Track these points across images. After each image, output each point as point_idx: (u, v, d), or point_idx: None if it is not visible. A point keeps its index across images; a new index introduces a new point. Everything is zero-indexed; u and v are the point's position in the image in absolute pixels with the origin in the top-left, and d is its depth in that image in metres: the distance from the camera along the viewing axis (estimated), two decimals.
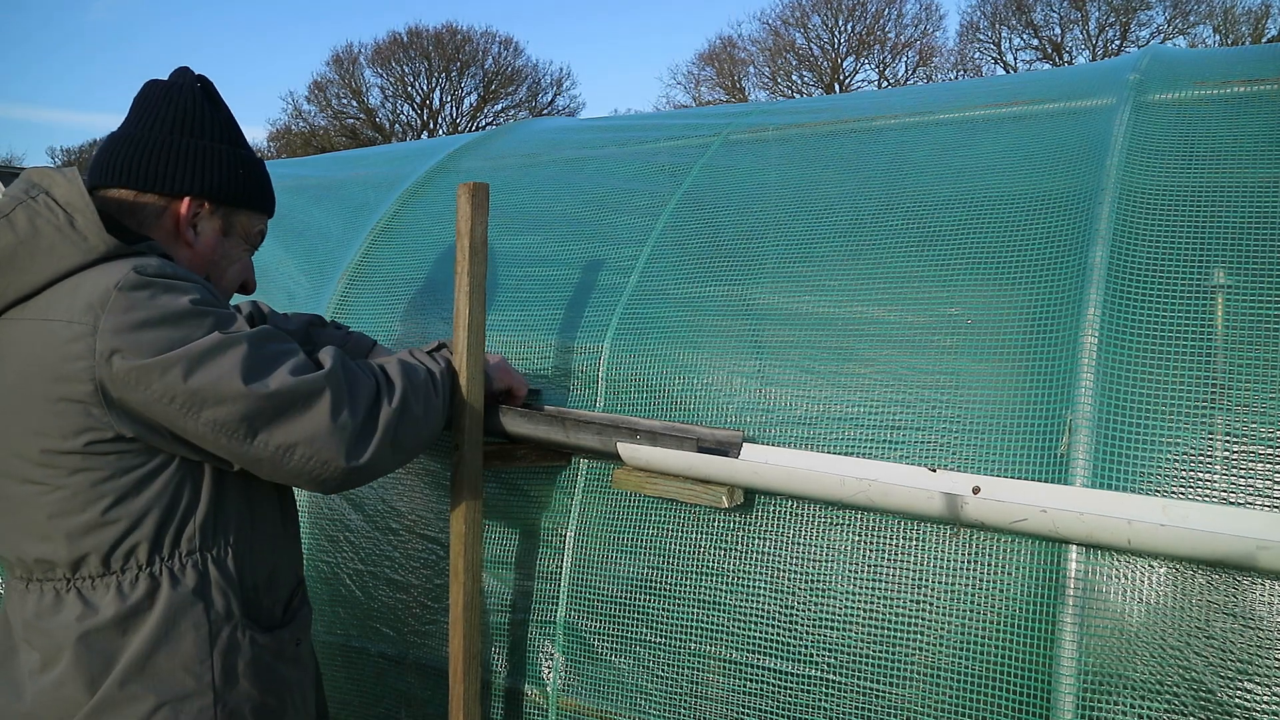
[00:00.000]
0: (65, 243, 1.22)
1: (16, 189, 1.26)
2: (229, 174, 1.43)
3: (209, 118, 1.42)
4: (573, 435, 1.63)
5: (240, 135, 1.48)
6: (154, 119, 1.39)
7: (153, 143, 1.38)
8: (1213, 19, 27.25)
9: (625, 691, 1.62)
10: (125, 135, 1.39)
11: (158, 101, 1.41)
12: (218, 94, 1.47)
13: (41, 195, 1.23)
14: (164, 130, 1.39)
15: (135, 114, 1.42)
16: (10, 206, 1.23)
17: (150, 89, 1.43)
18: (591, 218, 2.05)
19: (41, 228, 1.21)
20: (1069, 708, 1.25)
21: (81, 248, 1.22)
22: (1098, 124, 1.69)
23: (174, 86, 1.42)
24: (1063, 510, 1.24)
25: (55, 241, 1.21)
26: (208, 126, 1.42)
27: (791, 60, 32.20)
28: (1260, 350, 1.29)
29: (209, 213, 1.42)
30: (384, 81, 34.51)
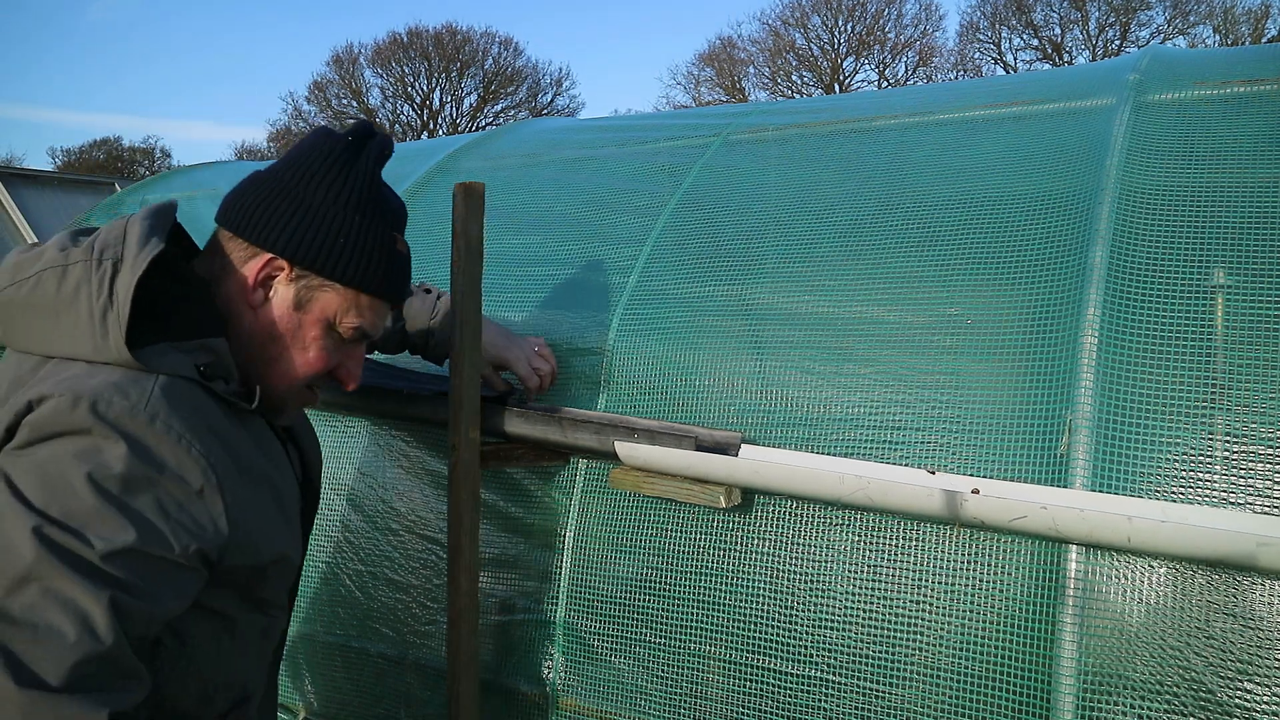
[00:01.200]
0: (88, 330, 1.08)
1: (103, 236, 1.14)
2: (323, 238, 1.19)
3: (336, 171, 1.22)
4: (570, 435, 1.63)
5: (372, 202, 1.24)
6: (285, 162, 1.24)
7: (265, 186, 1.22)
8: (1213, 19, 27.26)
9: (625, 691, 1.62)
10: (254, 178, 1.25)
11: (300, 149, 1.25)
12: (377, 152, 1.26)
13: (108, 265, 1.10)
14: (284, 178, 1.22)
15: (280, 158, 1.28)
16: (77, 257, 1.11)
17: (309, 137, 1.26)
18: (591, 218, 2.05)
19: (81, 300, 1.09)
20: (1069, 708, 1.25)
21: (98, 345, 1.07)
22: (1098, 124, 1.69)
23: (329, 134, 1.25)
24: (1063, 507, 1.24)
25: (83, 323, 1.08)
26: (329, 179, 1.21)
27: (791, 60, 32.22)
28: (1260, 350, 1.29)
29: (287, 278, 1.21)
30: (384, 81, 34.55)
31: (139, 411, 1.03)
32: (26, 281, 1.11)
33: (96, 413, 1.01)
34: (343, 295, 1.23)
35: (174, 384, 1.08)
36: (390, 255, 1.26)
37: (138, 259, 1.09)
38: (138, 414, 1.03)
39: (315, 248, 1.19)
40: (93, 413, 1.01)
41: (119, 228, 1.14)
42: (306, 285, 1.21)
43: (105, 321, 1.07)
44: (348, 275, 1.22)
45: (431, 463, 1.89)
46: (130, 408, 1.03)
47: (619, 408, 1.69)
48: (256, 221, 1.19)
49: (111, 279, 1.09)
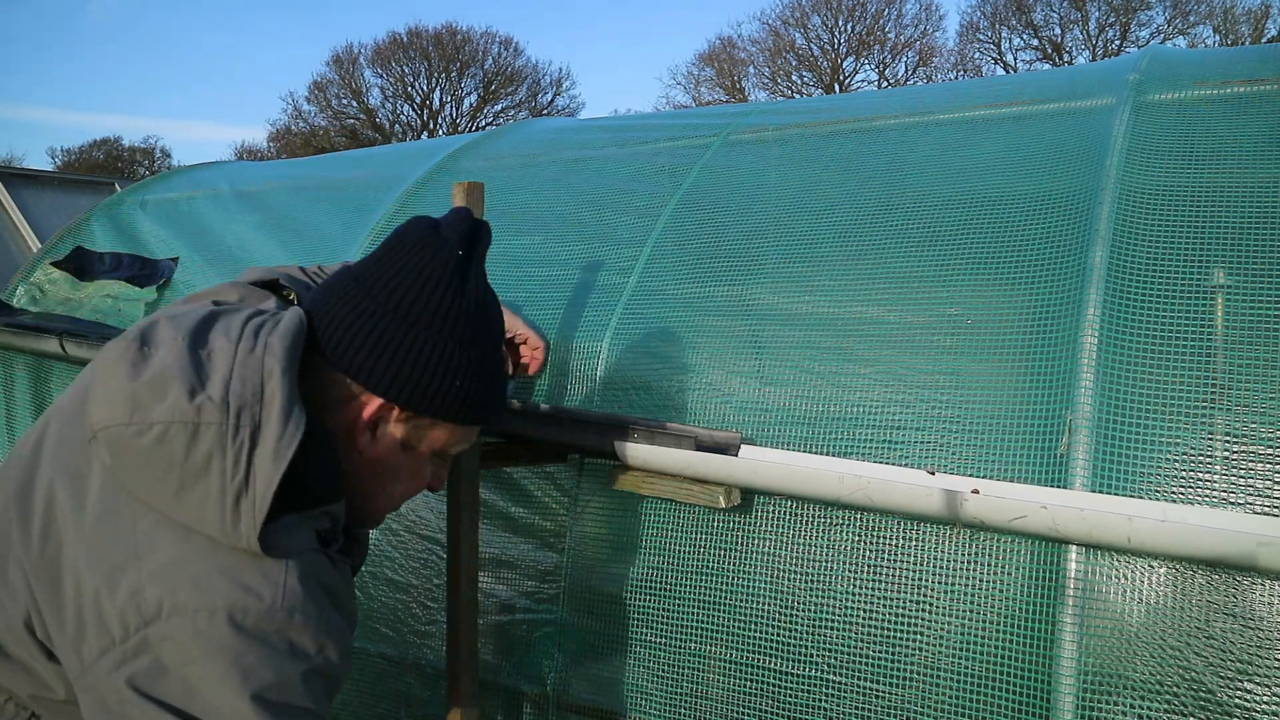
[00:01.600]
0: (218, 511, 0.98)
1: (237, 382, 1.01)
2: (438, 384, 1.12)
3: (450, 300, 1.12)
4: (570, 434, 1.63)
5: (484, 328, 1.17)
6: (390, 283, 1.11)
7: (374, 319, 1.10)
8: (1213, 19, 27.26)
9: (625, 691, 1.62)
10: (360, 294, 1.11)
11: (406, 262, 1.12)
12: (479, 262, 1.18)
13: (245, 436, 0.99)
14: (393, 306, 1.10)
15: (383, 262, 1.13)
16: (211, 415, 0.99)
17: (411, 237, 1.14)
18: (591, 218, 2.05)
19: (213, 474, 0.98)
20: (1069, 708, 1.25)
21: (226, 532, 0.98)
22: (1098, 124, 1.69)
23: (439, 247, 1.13)
24: (1063, 507, 1.24)
25: (213, 499, 0.98)
26: (443, 312, 1.12)
27: (791, 60, 32.22)
28: (1260, 350, 1.29)
29: (397, 419, 1.14)
30: (384, 81, 34.55)
31: (276, 611, 0.97)
32: (149, 431, 0.98)
33: (235, 624, 0.96)
34: (453, 430, 1.19)
35: (305, 561, 1.02)
36: (498, 380, 1.21)
37: (281, 444, 0.99)
38: (275, 614, 0.97)
39: (431, 395, 1.12)
40: (230, 625, 0.95)
41: (255, 376, 1.02)
42: (416, 425, 1.16)
43: (238, 508, 0.97)
44: (461, 415, 1.16)
45: None
46: (267, 610, 0.97)
47: (619, 408, 1.69)
48: (364, 362, 1.10)
49: (250, 454, 0.98)
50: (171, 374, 1.00)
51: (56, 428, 1.10)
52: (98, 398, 1.02)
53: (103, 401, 1.01)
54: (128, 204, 2.97)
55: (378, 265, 1.13)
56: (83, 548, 1.00)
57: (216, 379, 1.01)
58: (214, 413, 0.98)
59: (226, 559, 0.98)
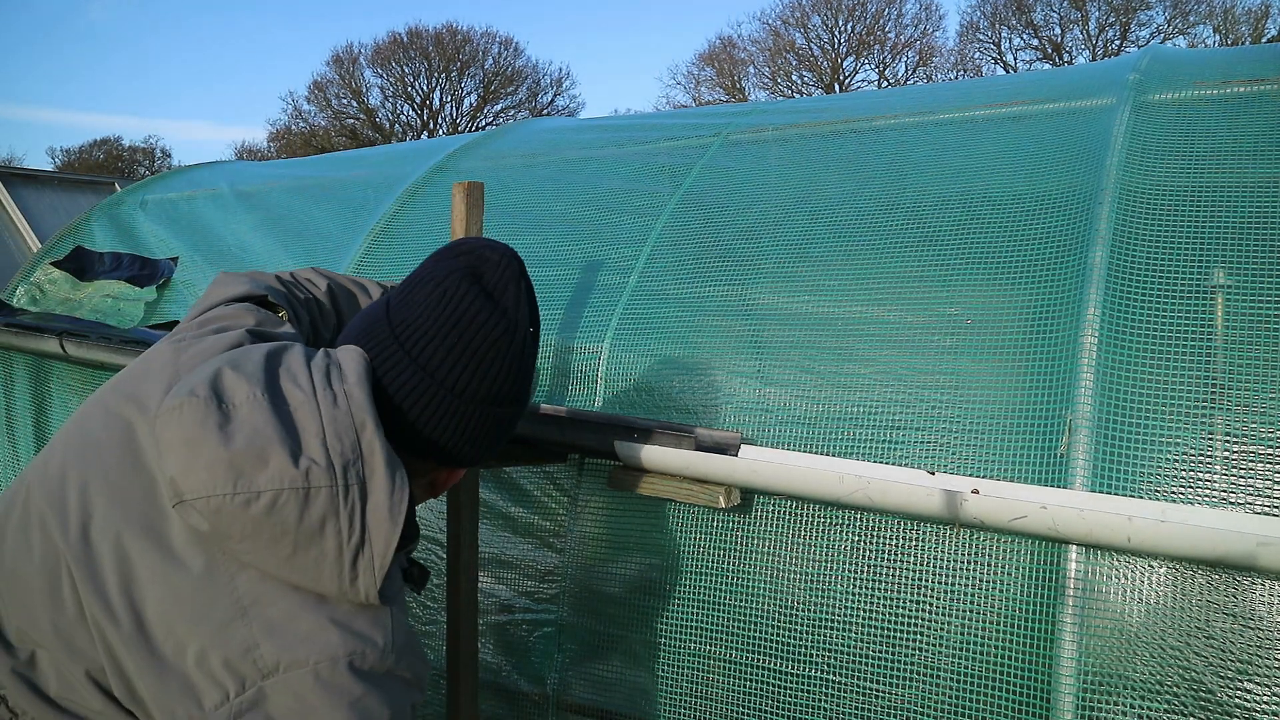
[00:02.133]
0: (335, 573, 0.98)
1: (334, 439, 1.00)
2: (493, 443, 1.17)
3: (529, 376, 1.17)
4: (570, 434, 1.63)
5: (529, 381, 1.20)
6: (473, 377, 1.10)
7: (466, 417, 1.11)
8: (1213, 19, 27.26)
9: (625, 691, 1.62)
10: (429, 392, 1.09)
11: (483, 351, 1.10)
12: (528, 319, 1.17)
13: (355, 491, 0.99)
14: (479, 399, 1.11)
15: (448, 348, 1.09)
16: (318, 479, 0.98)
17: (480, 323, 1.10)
18: (591, 218, 2.05)
19: (328, 537, 0.98)
20: (1069, 708, 1.25)
21: (344, 589, 0.98)
22: (1098, 124, 1.69)
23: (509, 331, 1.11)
24: (1063, 507, 1.24)
25: (329, 560, 0.98)
26: (516, 389, 1.15)
27: (791, 60, 32.21)
28: (1260, 350, 1.29)
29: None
30: (384, 81, 34.54)
31: (389, 654, 1.00)
32: (257, 500, 0.96)
33: (355, 670, 0.97)
34: None
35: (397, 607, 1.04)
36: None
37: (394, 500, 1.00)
38: (388, 656, 1.00)
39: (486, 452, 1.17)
40: (351, 672, 0.97)
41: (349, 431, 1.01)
42: None
43: (356, 566, 0.98)
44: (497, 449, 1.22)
45: None
46: (381, 654, 0.99)
47: (618, 407, 1.69)
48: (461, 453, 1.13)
49: (363, 512, 0.99)
50: (268, 438, 0.98)
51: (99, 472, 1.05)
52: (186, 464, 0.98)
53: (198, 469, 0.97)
54: (128, 204, 2.97)
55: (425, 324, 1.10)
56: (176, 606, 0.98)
57: (312, 439, 1.00)
58: (322, 476, 0.98)
59: (335, 610, 0.99)
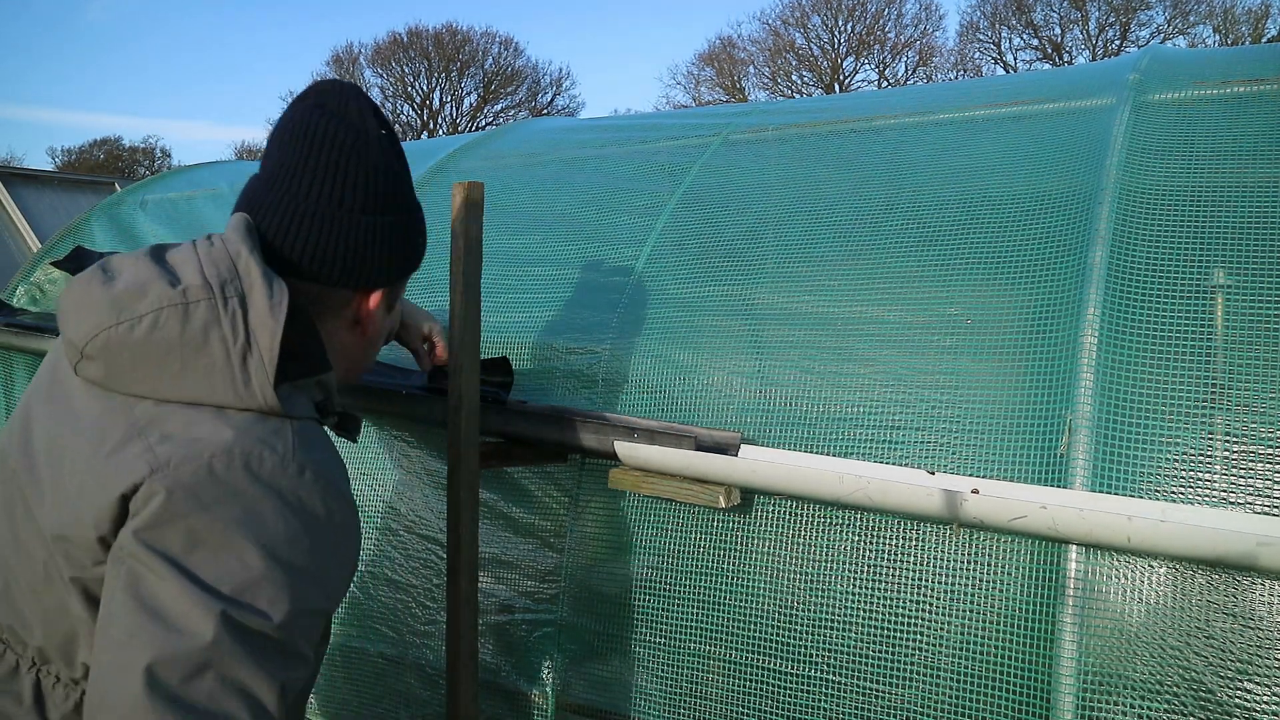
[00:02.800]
0: (227, 376, 1.00)
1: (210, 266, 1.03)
2: (414, 247, 1.22)
3: (397, 182, 1.18)
4: (570, 434, 1.63)
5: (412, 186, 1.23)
6: (340, 189, 1.12)
7: (347, 228, 1.13)
8: (1213, 19, 27.26)
9: (625, 691, 1.62)
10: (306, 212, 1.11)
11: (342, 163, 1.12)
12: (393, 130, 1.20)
13: (234, 302, 1.01)
14: (356, 208, 1.13)
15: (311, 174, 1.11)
16: (197, 294, 1.01)
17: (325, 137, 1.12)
18: (591, 218, 2.05)
19: (213, 342, 1.00)
20: (1069, 708, 1.25)
21: (239, 391, 1.00)
22: (1098, 124, 1.69)
23: (360, 140, 1.13)
24: (1063, 507, 1.24)
25: (219, 367, 1.00)
26: (397, 195, 1.17)
27: (791, 60, 32.22)
28: (1260, 350, 1.29)
29: (384, 293, 1.22)
30: (384, 81, 34.54)
31: (289, 463, 0.99)
32: (140, 321, 0.99)
33: (250, 471, 0.97)
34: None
35: (306, 428, 1.04)
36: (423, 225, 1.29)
37: (274, 301, 1.02)
38: (288, 466, 0.99)
39: (402, 263, 1.21)
40: (246, 471, 0.97)
41: (223, 254, 1.05)
42: (394, 289, 1.26)
43: (247, 366, 1.00)
44: (414, 263, 1.26)
45: (431, 463, 1.89)
46: (280, 462, 0.99)
47: (619, 407, 1.69)
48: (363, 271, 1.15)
49: (245, 318, 1.01)
50: (146, 277, 1.02)
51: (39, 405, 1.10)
52: (76, 318, 1.02)
53: (85, 316, 1.01)
54: (128, 204, 2.97)
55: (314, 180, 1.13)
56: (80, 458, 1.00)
57: (190, 271, 1.03)
58: (199, 291, 1.01)
59: (234, 418, 1.00)
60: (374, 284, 1.18)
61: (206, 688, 0.90)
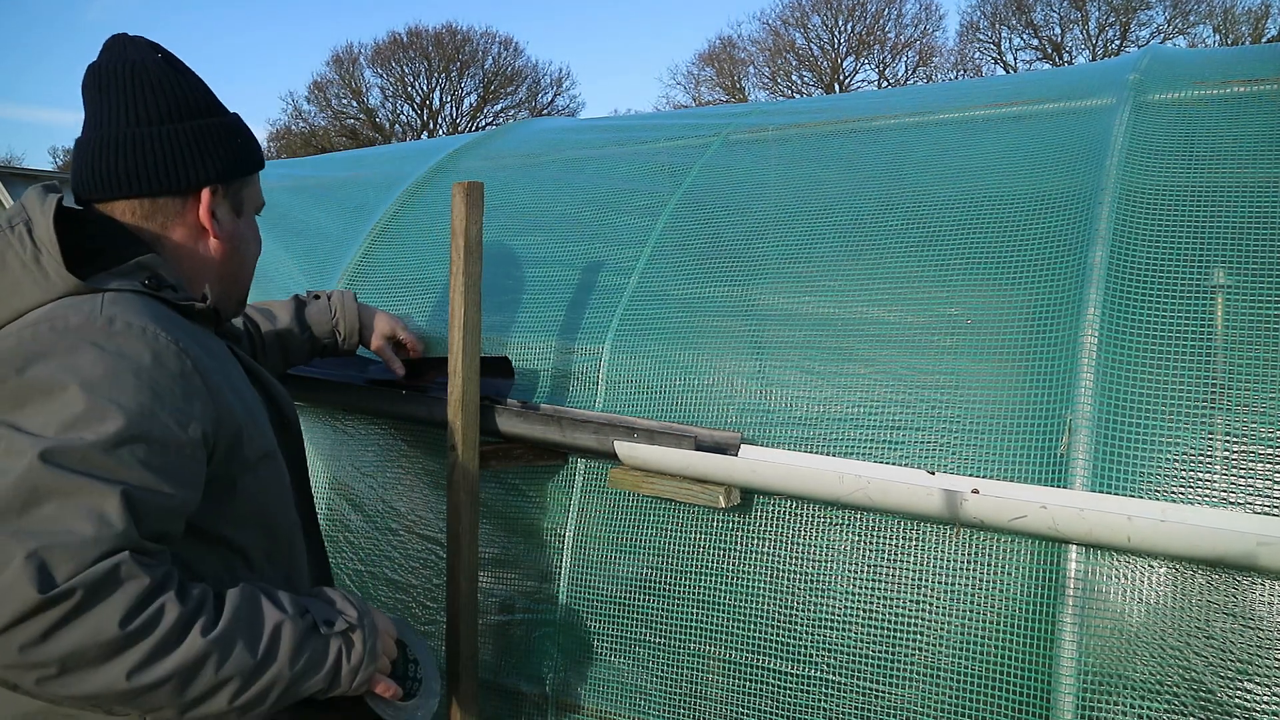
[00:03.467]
0: (29, 279, 1.13)
1: (9, 212, 1.19)
2: (229, 148, 1.31)
3: (188, 92, 1.29)
4: (569, 435, 1.63)
5: (216, 99, 1.34)
6: (130, 109, 1.25)
7: (145, 139, 1.25)
8: (1213, 19, 27.26)
9: (625, 691, 1.62)
10: (107, 138, 1.25)
11: (125, 88, 1.25)
12: (176, 58, 1.32)
13: (20, 226, 1.16)
14: (150, 121, 1.25)
15: (104, 107, 1.26)
16: None
17: (107, 75, 1.26)
18: (591, 218, 2.05)
19: (10, 262, 1.14)
20: (1069, 708, 1.25)
21: (43, 285, 1.13)
22: (1098, 124, 1.69)
23: (136, 67, 1.26)
24: (1063, 506, 1.24)
25: (20, 277, 1.14)
26: (191, 103, 1.28)
27: (791, 60, 32.21)
28: (1260, 350, 1.29)
29: (221, 197, 1.31)
30: (384, 82, 34.53)
31: (95, 318, 1.09)
32: None
33: (55, 330, 1.08)
34: (255, 180, 1.38)
35: (123, 295, 1.14)
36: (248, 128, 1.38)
37: (44, 208, 1.15)
38: (95, 320, 1.09)
39: (234, 161, 1.31)
40: (52, 331, 1.07)
41: (16, 204, 1.20)
42: (235, 190, 1.34)
43: (40, 264, 1.13)
44: (250, 163, 1.35)
45: (431, 463, 1.89)
46: (86, 317, 1.09)
47: (619, 408, 1.69)
48: (172, 172, 1.26)
49: (30, 234, 1.14)
50: None
51: None
52: None
53: None
54: None
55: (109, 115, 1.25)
56: None
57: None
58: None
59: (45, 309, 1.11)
60: (193, 184, 1.27)
61: (45, 513, 0.97)
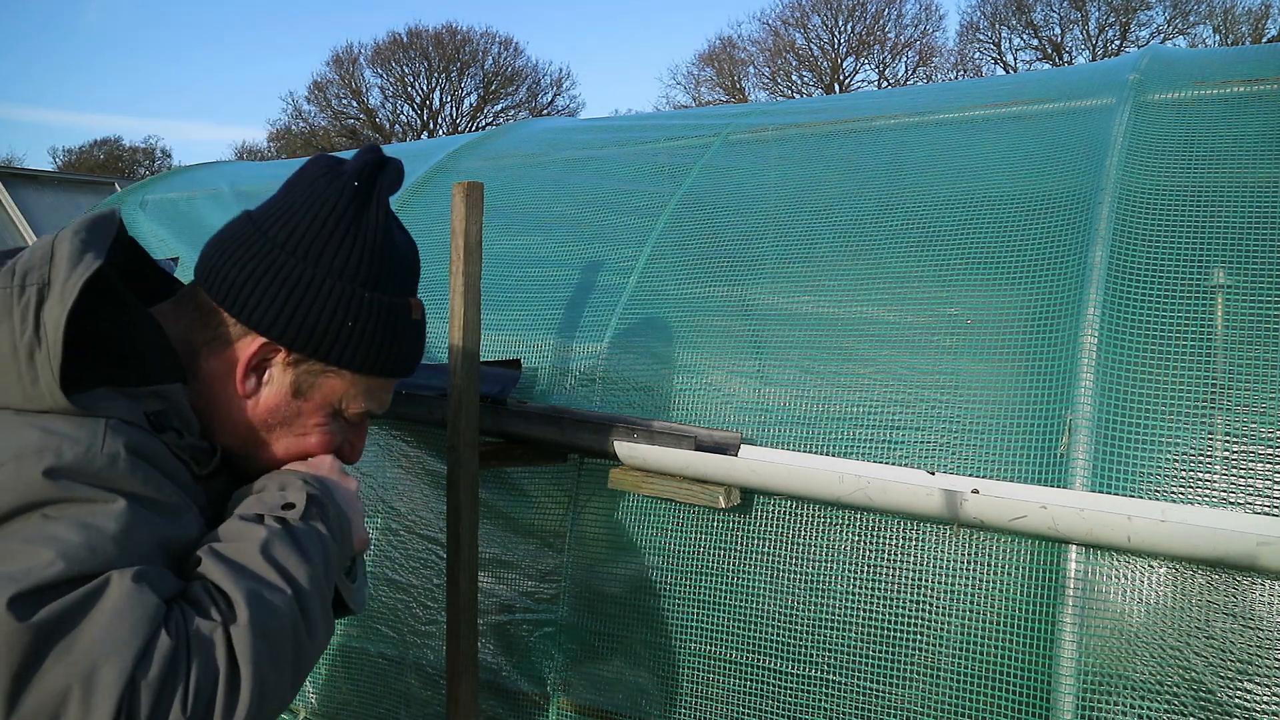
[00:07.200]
0: (10, 372, 0.90)
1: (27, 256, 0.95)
2: (326, 321, 1.04)
3: (342, 232, 1.05)
4: (570, 435, 1.63)
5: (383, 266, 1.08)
6: (283, 217, 1.05)
7: (258, 250, 1.04)
8: (1213, 19, 27.27)
9: (625, 691, 1.62)
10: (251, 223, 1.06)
11: (303, 193, 1.06)
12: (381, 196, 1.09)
13: (31, 292, 0.91)
14: (280, 239, 1.04)
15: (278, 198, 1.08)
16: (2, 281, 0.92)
17: (310, 170, 1.08)
18: (591, 218, 2.05)
19: (2, 340, 0.90)
20: (1069, 708, 1.25)
21: (25, 389, 0.89)
22: (1098, 124, 1.69)
23: (333, 178, 1.06)
24: (1063, 506, 1.24)
25: (4, 363, 0.90)
26: (334, 244, 1.04)
27: (791, 60, 32.21)
28: (1260, 350, 1.29)
29: (284, 363, 1.06)
30: (384, 82, 34.55)
31: (96, 455, 0.88)
32: None
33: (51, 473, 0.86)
34: (350, 381, 1.09)
35: (127, 430, 0.92)
36: (403, 331, 1.11)
37: (68, 284, 0.90)
38: (95, 458, 0.88)
39: (318, 335, 1.04)
40: (45, 474, 0.86)
41: (46, 245, 0.95)
42: (308, 371, 1.07)
43: (34, 363, 0.89)
44: (355, 362, 1.08)
45: (431, 463, 1.89)
46: (85, 452, 0.88)
47: (618, 407, 1.69)
48: (249, 297, 1.02)
49: (37, 310, 0.90)
50: None
51: None
52: None
53: None
54: (128, 204, 2.97)
55: (272, 201, 1.07)
56: None
57: (9, 264, 0.94)
58: (4, 277, 0.92)
59: (35, 419, 0.89)
60: (257, 324, 1.03)
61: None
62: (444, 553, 1.83)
